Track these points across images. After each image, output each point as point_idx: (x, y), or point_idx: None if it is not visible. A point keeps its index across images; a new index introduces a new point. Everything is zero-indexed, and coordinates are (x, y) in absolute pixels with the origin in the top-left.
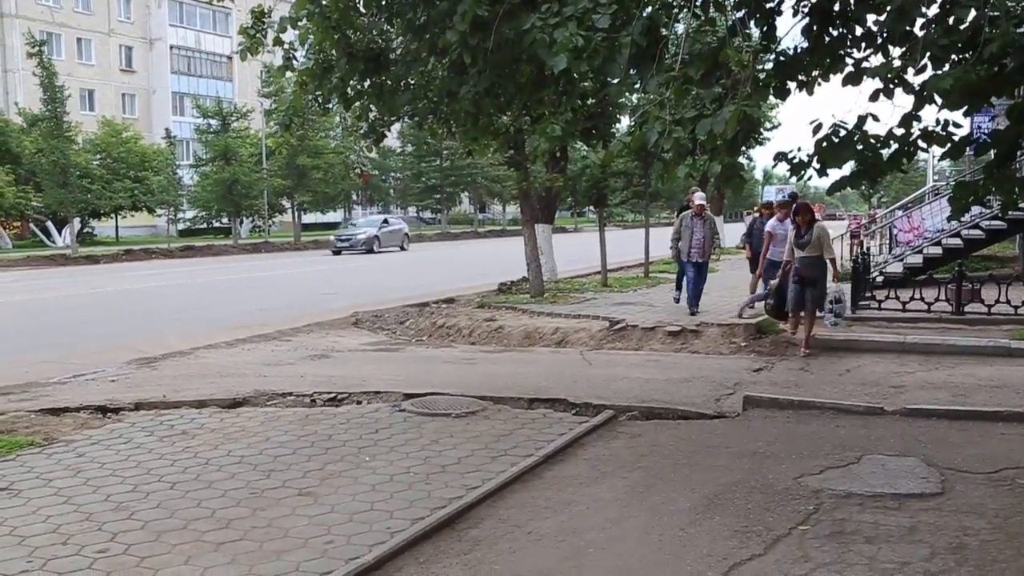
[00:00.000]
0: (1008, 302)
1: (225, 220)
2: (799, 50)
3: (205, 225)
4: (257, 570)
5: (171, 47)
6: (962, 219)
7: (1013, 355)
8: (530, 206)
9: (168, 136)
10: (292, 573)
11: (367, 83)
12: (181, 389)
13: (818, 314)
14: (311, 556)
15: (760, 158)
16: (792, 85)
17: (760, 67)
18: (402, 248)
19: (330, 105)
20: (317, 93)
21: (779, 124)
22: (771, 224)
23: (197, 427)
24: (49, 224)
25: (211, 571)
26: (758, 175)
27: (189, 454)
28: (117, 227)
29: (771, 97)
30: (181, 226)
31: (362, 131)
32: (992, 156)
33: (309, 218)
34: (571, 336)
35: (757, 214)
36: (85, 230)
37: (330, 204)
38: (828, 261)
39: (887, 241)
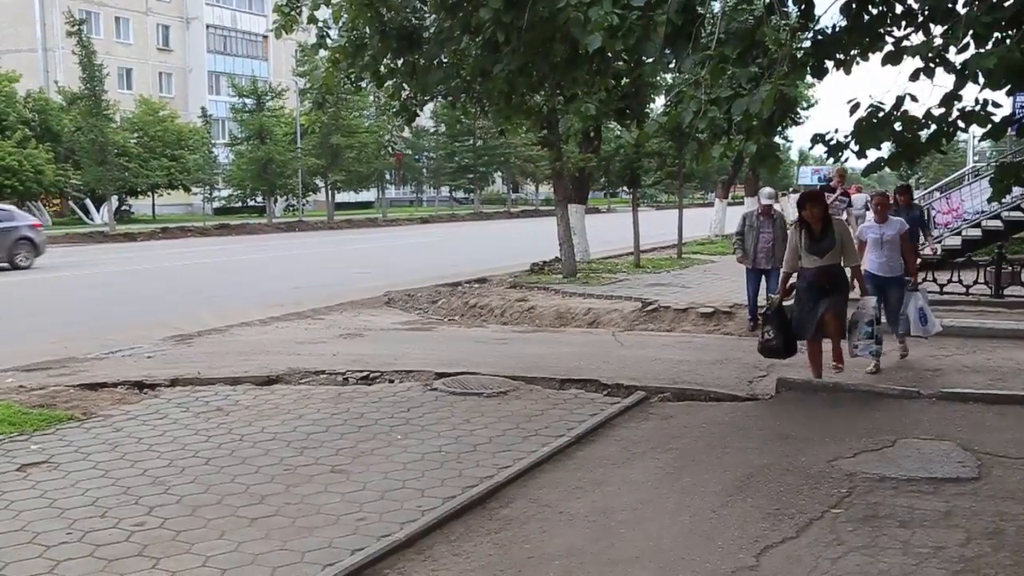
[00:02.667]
0: None
1: (259, 199)
2: (837, 29)
3: (240, 204)
4: (290, 546)
5: (207, 26)
6: (1003, 200)
7: None
8: (563, 186)
9: (204, 115)
10: (325, 549)
11: (400, 61)
12: (216, 366)
13: (855, 344)
14: (343, 533)
15: (796, 138)
16: (830, 64)
17: (797, 46)
18: (15, 265)
19: (362, 83)
20: (349, 71)
21: (815, 102)
22: (865, 227)
23: (232, 404)
24: (87, 202)
25: (245, 546)
26: (794, 155)
27: (224, 430)
28: (154, 205)
29: (808, 76)
30: (216, 204)
31: (395, 110)
32: None
33: (343, 197)
34: (603, 317)
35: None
36: (122, 208)
37: (363, 183)
38: (850, 271)
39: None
